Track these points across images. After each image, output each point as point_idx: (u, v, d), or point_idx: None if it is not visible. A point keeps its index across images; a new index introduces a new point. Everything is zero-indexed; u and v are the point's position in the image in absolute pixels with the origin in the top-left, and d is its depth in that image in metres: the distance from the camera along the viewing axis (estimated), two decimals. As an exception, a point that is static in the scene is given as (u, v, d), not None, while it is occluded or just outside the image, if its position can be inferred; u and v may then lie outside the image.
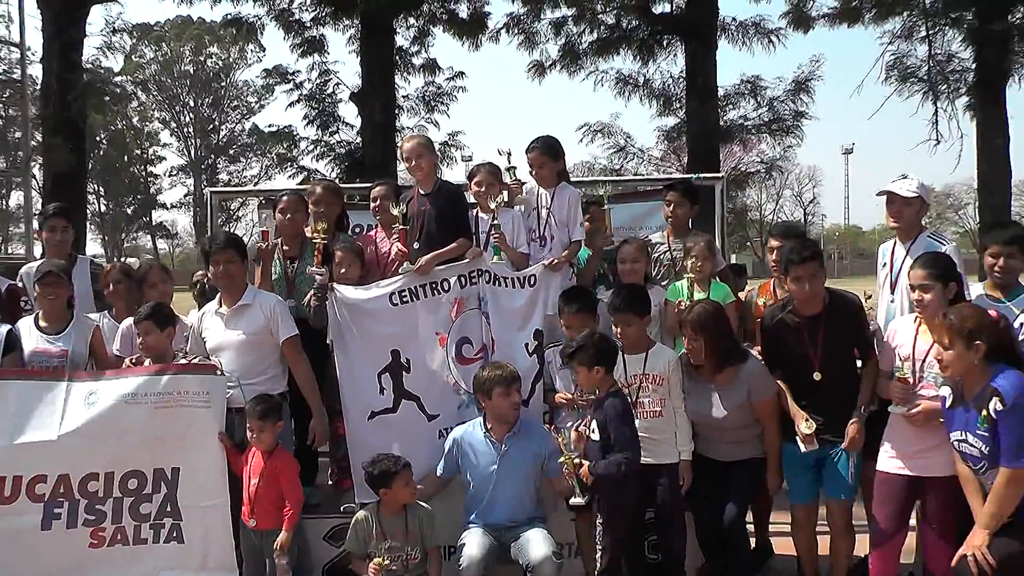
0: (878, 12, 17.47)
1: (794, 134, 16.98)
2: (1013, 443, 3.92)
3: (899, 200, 5.39)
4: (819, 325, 5.00)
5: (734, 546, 5.14)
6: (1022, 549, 3.97)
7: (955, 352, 4.09)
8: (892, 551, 4.78)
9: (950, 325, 4.11)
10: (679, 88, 16.65)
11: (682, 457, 5.18)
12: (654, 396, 5.18)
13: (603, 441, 4.81)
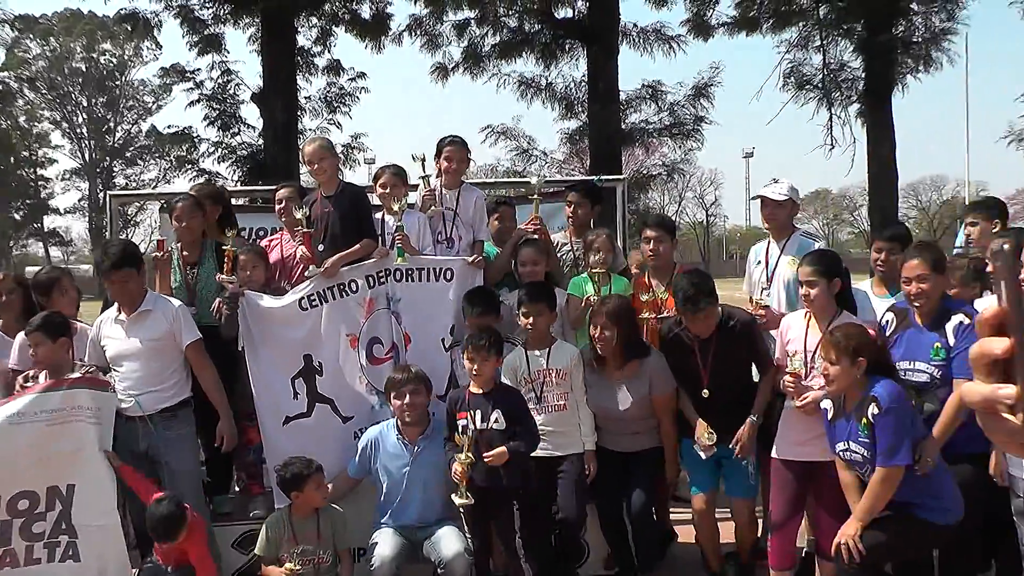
0: (775, 22, 17.97)
1: (694, 138, 17.36)
2: (887, 445, 4.14)
3: (771, 203, 5.73)
4: (711, 345, 5.17)
5: (641, 534, 5.29)
6: (887, 539, 4.23)
7: (841, 368, 4.28)
8: (789, 534, 4.98)
9: (836, 343, 4.30)
10: (581, 92, 16.84)
11: (586, 447, 5.29)
12: (557, 390, 5.28)
13: (508, 431, 4.89)
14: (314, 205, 5.83)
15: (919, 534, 4.34)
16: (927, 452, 4.26)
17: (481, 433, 4.90)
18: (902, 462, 4.14)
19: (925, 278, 4.49)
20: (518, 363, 5.34)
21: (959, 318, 4.44)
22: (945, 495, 4.28)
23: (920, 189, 64.08)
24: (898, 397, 4.20)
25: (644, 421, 5.35)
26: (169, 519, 4.71)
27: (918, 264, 4.54)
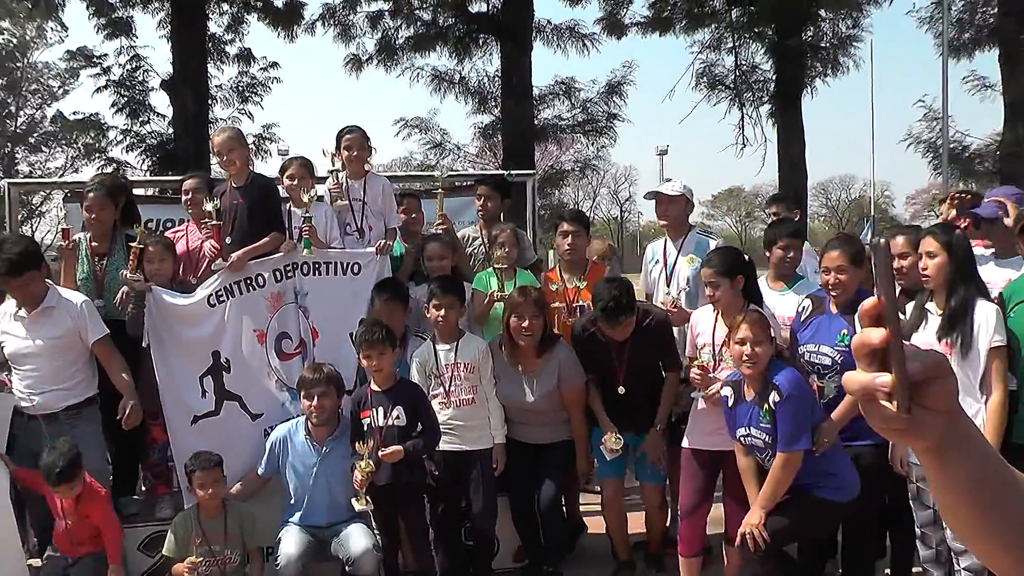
0: (688, 23, 18.24)
1: (607, 135, 17.59)
2: (788, 431, 4.27)
3: (664, 199, 5.87)
4: (627, 345, 5.23)
5: (549, 526, 5.36)
6: (789, 523, 4.37)
7: (763, 350, 4.39)
8: (698, 521, 5.06)
9: (753, 322, 4.43)
10: (495, 87, 16.89)
11: (496, 441, 5.34)
12: (466, 384, 5.30)
13: (409, 427, 4.93)
14: (223, 196, 5.73)
15: (820, 513, 4.49)
16: (824, 434, 4.43)
17: (382, 430, 4.91)
18: (802, 447, 4.28)
19: (843, 269, 4.65)
20: (427, 357, 5.35)
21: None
22: (841, 473, 4.43)
23: (830, 188, 65.85)
24: (798, 384, 4.35)
25: (555, 414, 5.41)
26: (68, 457, 4.64)
27: (838, 256, 4.69)
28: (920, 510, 4.50)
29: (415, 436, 4.93)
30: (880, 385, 1.04)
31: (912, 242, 4.72)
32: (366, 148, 6.08)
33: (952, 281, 4.30)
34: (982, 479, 1.12)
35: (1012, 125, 16.39)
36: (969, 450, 1.11)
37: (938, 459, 1.10)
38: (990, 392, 4.17)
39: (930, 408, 1.04)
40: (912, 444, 1.09)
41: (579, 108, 17.52)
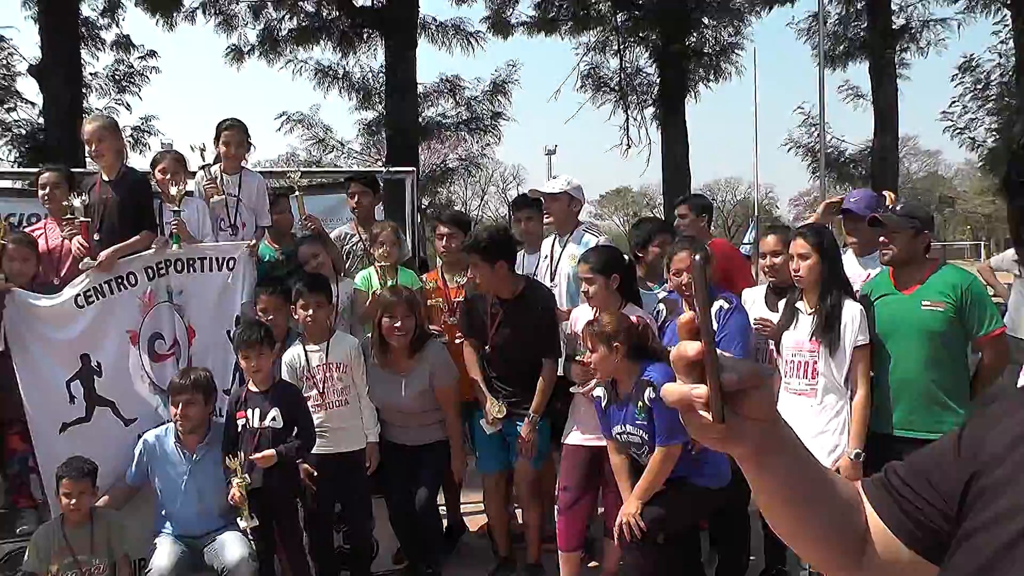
0: (574, 25, 18.44)
1: (492, 133, 17.63)
2: (666, 425, 4.33)
3: (547, 198, 5.96)
4: (503, 309, 5.26)
5: (427, 528, 5.33)
6: (665, 512, 4.45)
7: (599, 355, 4.49)
8: (578, 515, 5.11)
9: (592, 332, 4.52)
10: (379, 83, 16.73)
11: (369, 440, 5.29)
12: (339, 385, 5.22)
13: (286, 429, 4.83)
14: (92, 191, 5.49)
15: (696, 500, 4.61)
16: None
17: (258, 432, 4.81)
18: (681, 440, 4.35)
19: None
20: (297, 358, 5.25)
21: (719, 303, 4.77)
22: (714, 461, 4.51)
23: (716, 190, 67.43)
24: (671, 379, 4.39)
25: (429, 413, 5.39)
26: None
27: (685, 257, 4.81)
28: None
29: (291, 439, 4.83)
30: (696, 396, 1.08)
31: (783, 241, 4.92)
32: (244, 145, 5.96)
33: (824, 282, 4.48)
34: (798, 481, 1.18)
35: (881, 133, 17.17)
36: (786, 454, 1.16)
37: (755, 465, 1.15)
38: (855, 389, 4.38)
39: (747, 417, 1.09)
40: (730, 451, 1.13)
41: (464, 106, 17.51)
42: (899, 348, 4.37)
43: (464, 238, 5.85)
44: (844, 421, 4.42)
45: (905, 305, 4.39)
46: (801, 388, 4.55)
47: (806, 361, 4.53)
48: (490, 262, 5.18)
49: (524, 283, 5.38)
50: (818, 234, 4.63)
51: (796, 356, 4.57)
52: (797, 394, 4.56)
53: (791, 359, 4.59)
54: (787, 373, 4.62)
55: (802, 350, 4.54)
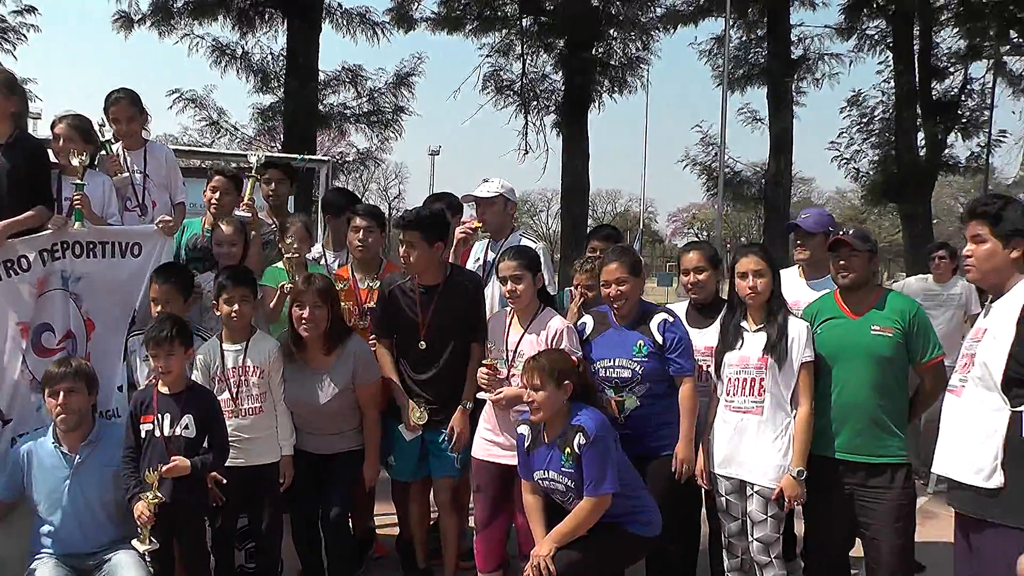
0: (479, 25, 18.29)
1: (393, 128, 17.23)
2: (595, 475, 4.13)
3: (481, 202, 5.71)
4: (434, 295, 4.96)
5: (333, 544, 4.93)
6: (583, 559, 4.20)
7: (547, 393, 4.21)
8: (495, 534, 4.86)
9: (541, 368, 4.22)
10: (279, 66, 16.14)
11: (283, 453, 4.84)
12: (255, 391, 4.76)
13: (199, 438, 4.33)
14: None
15: (625, 548, 4.39)
16: (683, 457, 4.56)
17: (168, 441, 4.28)
18: (610, 490, 4.15)
19: (624, 280, 4.67)
20: (211, 358, 4.76)
21: (662, 316, 4.69)
22: (646, 508, 4.36)
23: (597, 201, 68.42)
24: (603, 426, 4.21)
25: (347, 418, 4.98)
26: None
27: (617, 268, 4.68)
28: (728, 521, 4.55)
29: (203, 450, 4.33)
30: None
31: (707, 257, 4.90)
32: (136, 118, 5.42)
33: (773, 299, 4.47)
34: None
35: (776, 156, 17.68)
36: None
37: None
38: (798, 405, 4.35)
39: None
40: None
41: (366, 97, 17.05)
42: (846, 372, 4.36)
43: (381, 233, 5.55)
44: (790, 440, 4.36)
45: (854, 329, 4.40)
46: (747, 406, 4.45)
47: (752, 378, 4.43)
48: (430, 241, 4.88)
49: (450, 267, 5.14)
50: (767, 251, 4.63)
51: (741, 373, 4.47)
52: (742, 412, 4.46)
53: (736, 376, 4.49)
54: (730, 391, 4.51)
55: (748, 367, 4.45)
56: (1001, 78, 20.98)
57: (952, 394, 3.64)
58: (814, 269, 5.16)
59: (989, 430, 3.40)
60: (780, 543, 4.43)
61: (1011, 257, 3.51)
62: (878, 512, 4.24)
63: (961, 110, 20.15)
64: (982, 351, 3.48)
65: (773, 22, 18.38)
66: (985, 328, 3.55)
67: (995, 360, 3.40)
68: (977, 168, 22.37)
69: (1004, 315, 3.47)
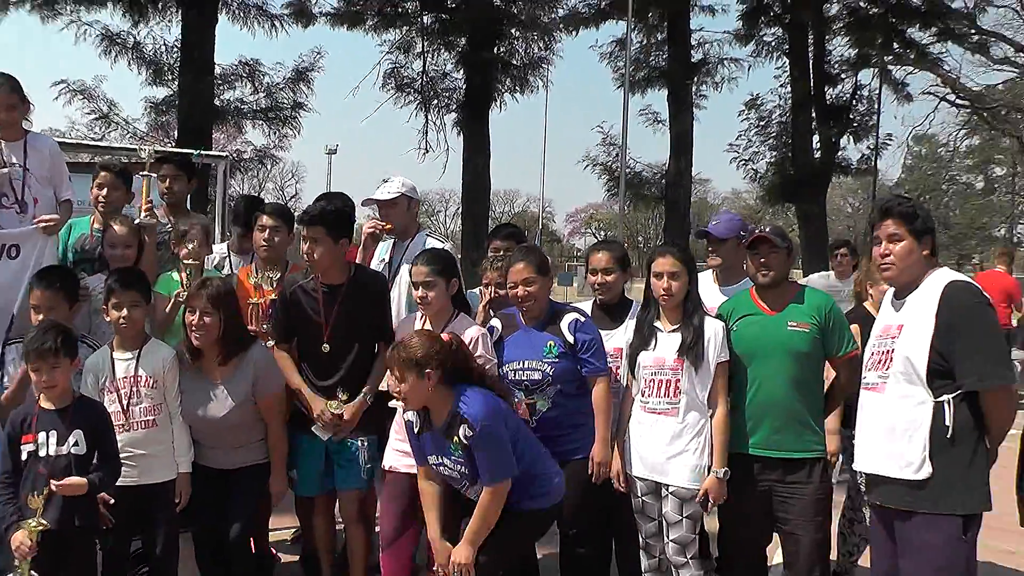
0: (380, 21, 18.06)
1: (291, 125, 16.86)
2: (490, 464, 4.01)
3: (383, 204, 5.54)
4: (338, 295, 4.74)
5: (241, 563, 4.67)
6: (497, 549, 4.12)
7: (409, 384, 4.03)
8: (403, 549, 4.67)
9: (397, 359, 4.04)
10: (172, 58, 15.57)
11: (180, 470, 4.53)
12: (148, 402, 4.43)
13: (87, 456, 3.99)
14: None
15: (525, 527, 4.30)
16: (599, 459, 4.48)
17: (52, 461, 3.92)
18: (508, 475, 4.03)
19: (531, 281, 4.56)
20: (101, 366, 4.44)
21: (573, 315, 4.61)
22: (545, 476, 4.24)
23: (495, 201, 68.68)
24: (488, 413, 4.02)
25: (249, 430, 4.70)
26: None
27: (524, 268, 4.58)
28: (645, 523, 4.49)
29: (94, 467, 3.98)
30: None
31: (615, 257, 4.86)
32: (19, 104, 5.03)
33: (690, 298, 4.44)
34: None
35: (676, 157, 17.96)
36: None
37: None
38: (715, 404, 4.34)
39: None
40: None
41: (263, 93, 16.60)
42: (764, 368, 4.37)
43: (289, 234, 5.32)
44: (705, 440, 4.33)
45: (771, 325, 4.41)
46: (662, 407, 4.39)
47: (668, 379, 4.38)
48: (335, 238, 4.66)
49: (354, 267, 4.95)
50: (684, 251, 4.59)
51: (657, 375, 4.40)
52: (657, 413, 4.40)
53: (651, 378, 4.42)
54: (645, 392, 4.45)
55: (663, 368, 4.39)
56: (887, 85, 21.88)
57: (873, 391, 3.74)
58: (727, 275, 5.13)
59: (915, 423, 3.53)
60: (696, 543, 4.40)
61: (924, 254, 3.67)
62: (797, 507, 4.26)
63: (852, 115, 21.07)
64: (903, 346, 3.59)
65: (673, 26, 18.70)
66: (901, 324, 3.66)
67: (918, 354, 3.53)
68: (867, 170, 23.55)
69: (921, 309, 3.59)
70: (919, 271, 3.67)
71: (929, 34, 21.55)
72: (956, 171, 58.00)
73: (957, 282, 3.61)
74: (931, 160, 57.75)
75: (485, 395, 4.09)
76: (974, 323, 3.53)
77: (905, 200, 3.80)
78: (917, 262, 3.67)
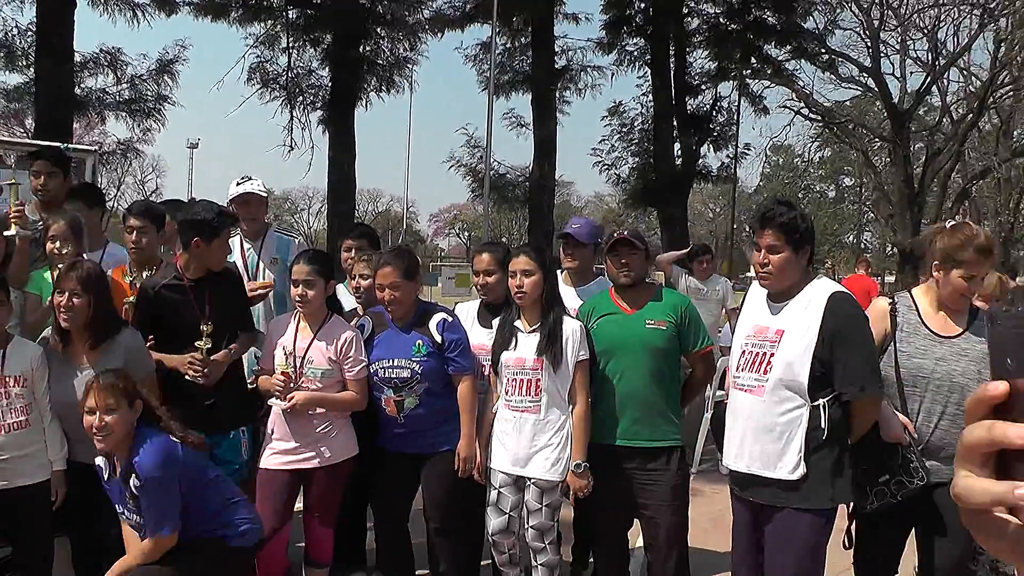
0: (244, 14, 17.70)
1: (155, 117, 16.40)
2: (154, 517, 3.91)
3: (255, 199, 5.75)
4: (206, 289, 4.77)
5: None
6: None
7: (120, 416, 3.93)
8: (277, 547, 4.81)
9: (109, 387, 3.94)
10: (27, 42, 14.91)
11: (55, 468, 4.41)
12: (18, 403, 4.29)
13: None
14: None
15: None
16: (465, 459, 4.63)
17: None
18: (168, 531, 3.92)
19: (398, 285, 4.70)
20: None
21: (441, 316, 4.78)
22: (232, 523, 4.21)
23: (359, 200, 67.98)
24: (163, 462, 3.89)
25: None
26: None
27: (390, 272, 4.71)
28: (495, 516, 4.64)
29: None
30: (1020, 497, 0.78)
31: (497, 260, 4.96)
32: None
33: (547, 299, 4.59)
34: None
35: (540, 161, 18.27)
36: None
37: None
38: (574, 402, 4.53)
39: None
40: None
41: (127, 84, 16.12)
42: (624, 363, 4.56)
43: (156, 232, 5.28)
44: (567, 435, 4.54)
45: (630, 323, 4.60)
46: (524, 405, 4.58)
47: (529, 378, 4.56)
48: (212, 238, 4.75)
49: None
50: (540, 252, 4.76)
51: (519, 374, 4.58)
52: (520, 411, 4.59)
53: (513, 377, 4.61)
54: (508, 391, 4.64)
55: (524, 367, 4.57)
56: (745, 98, 22.81)
57: (748, 393, 3.84)
58: (579, 276, 5.33)
59: (792, 426, 3.70)
60: (554, 531, 4.63)
61: (802, 263, 3.79)
62: (656, 493, 4.49)
63: (712, 124, 21.74)
64: (785, 352, 3.70)
65: (538, 32, 18.99)
66: (780, 329, 3.75)
67: (800, 361, 3.66)
68: (727, 177, 24.51)
69: (803, 318, 3.70)
70: (797, 279, 3.78)
71: (784, 51, 22.52)
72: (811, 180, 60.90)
73: (839, 293, 3.72)
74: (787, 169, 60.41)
75: (162, 443, 3.95)
76: (855, 334, 3.67)
77: (786, 210, 3.79)
78: (795, 272, 3.77)
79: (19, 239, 5.00)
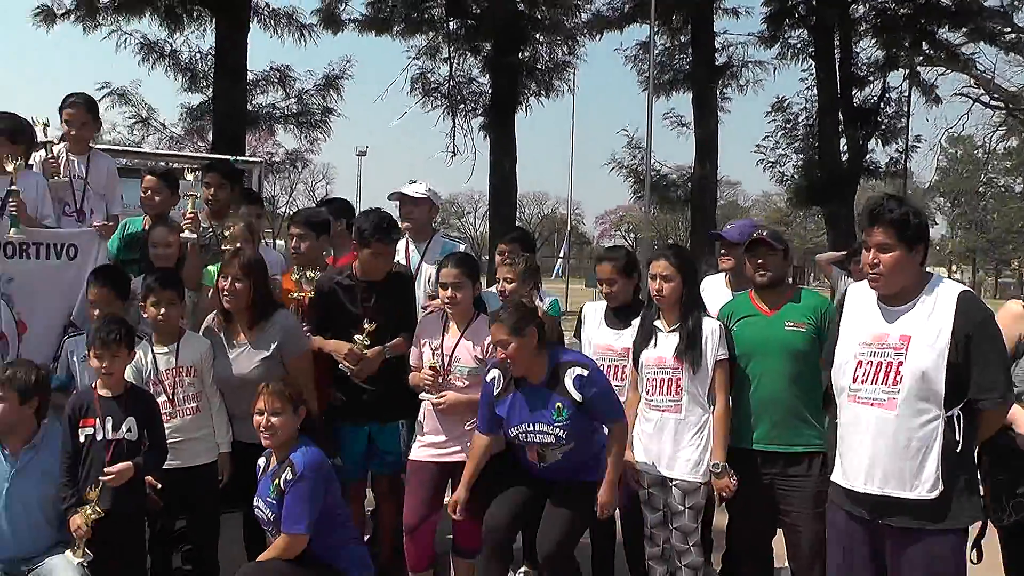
0: (406, 27, 18.29)
1: (321, 129, 17.16)
2: (293, 511, 4.11)
3: (409, 200, 5.80)
4: (375, 290, 5.04)
5: None
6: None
7: (285, 418, 4.21)
8: (425, 535, 4.92)
9: (278, 392, 4.22)
10: (207, 65, 15.97)
11: (221, 450, 4.80)
12: (191, 391, 4.72)
13: (138, 442, 4.30)
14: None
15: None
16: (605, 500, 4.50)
17: (111, 445, 4.24)
18: (301, 531, 4.11)
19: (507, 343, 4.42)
20: (143, 362, 4.70)
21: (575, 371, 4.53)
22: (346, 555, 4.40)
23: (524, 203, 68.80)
24: (315, 466, 4.17)
25: None
26: None
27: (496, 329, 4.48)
28: (650, 512, 4.67)
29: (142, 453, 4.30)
30: None
31: (617, 268, 4.96)
32: (90, 124, 5.44)
33: (686, 301, 4.58)
34: None
35: (701, 160, 18.03)
36: None
37: None
38: (715, 402, 4.50)
39: None
40: None
41: (294, 99, 16.96)
42: (763, 366, 4.49)
43: (316, 240, 5.52)
44: (708, 435, 4.51)
45: (769, 325, 4.53)
46: (665, 404, 4.58)
47: (669, 378, 4.56)
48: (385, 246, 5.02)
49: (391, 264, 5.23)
50: (679, 254, 4.74)
51: (659, 373, 4.58)
52: (661, 410, 4.59)
53: (653, 376, 4.60)
54: (649, 391, 4.63)
55: (665, 367, 4.57)
56: (916, 87, 21.69)
57: (878, 407, 3.44)
58: (741, 279, 5.21)
59: (928, 440, 3.34)
60: (698, 532, 4.60)
61: (916, 262, 3.42)
62: (797, 500, 4.37)
63: (880, 117, 20.88)
64: (916, 361, 3.34)
65: (697, 29, 18.74)
66: (905, 335, 3.40)
67: (935, 370, 3.30)
68: (896, 172, 23.20)
69: (931, 322, 3.36)
70: (911, 281, 3.43)
71: (960, 34, 21.37)
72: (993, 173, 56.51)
73: (967, 293, 3.40)
74: (967, 162, 56.38)
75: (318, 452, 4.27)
76: (991, 338, 3.36)
77: (897, 205, 3.44)
78: (908, 272, 3.42)
79: (191, 244, 5.39)
